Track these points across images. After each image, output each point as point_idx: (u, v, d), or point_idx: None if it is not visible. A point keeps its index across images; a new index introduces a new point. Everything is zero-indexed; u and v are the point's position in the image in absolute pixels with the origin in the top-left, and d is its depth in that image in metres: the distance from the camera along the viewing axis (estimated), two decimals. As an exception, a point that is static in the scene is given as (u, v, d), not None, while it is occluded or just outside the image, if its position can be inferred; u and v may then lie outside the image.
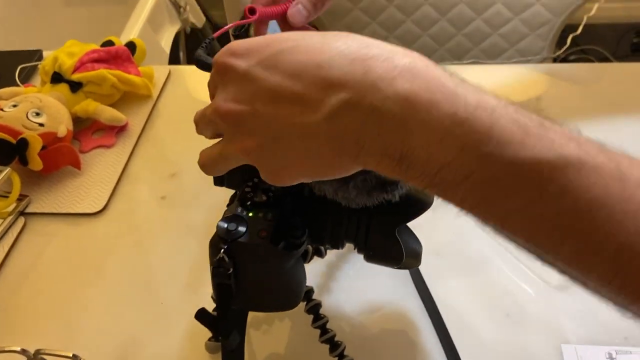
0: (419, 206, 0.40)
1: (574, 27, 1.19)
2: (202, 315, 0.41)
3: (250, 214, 0.38)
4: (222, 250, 0.37)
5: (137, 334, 0.56)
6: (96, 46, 0.81)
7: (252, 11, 0.43)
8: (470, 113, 0.27)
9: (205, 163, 0.37)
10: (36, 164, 0.68)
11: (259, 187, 0.39)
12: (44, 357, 0.48)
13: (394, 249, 0.40)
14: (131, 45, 0.84)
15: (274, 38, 0.33)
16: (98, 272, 0.62)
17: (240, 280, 0.38)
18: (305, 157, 0.31)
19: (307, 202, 0.39)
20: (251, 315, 0.55)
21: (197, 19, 1.52)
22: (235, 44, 0.34)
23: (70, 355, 0.47)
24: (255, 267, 0.38)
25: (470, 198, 0.28)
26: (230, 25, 0.42)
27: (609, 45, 1.97)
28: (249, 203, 0.38)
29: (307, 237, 0.39)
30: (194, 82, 0.87)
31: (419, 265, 0.44)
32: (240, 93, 0.32)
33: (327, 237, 0.41)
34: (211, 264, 0.38)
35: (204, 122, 0.36)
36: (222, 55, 0.34)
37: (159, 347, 0.55)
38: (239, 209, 0.38)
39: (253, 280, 0.39)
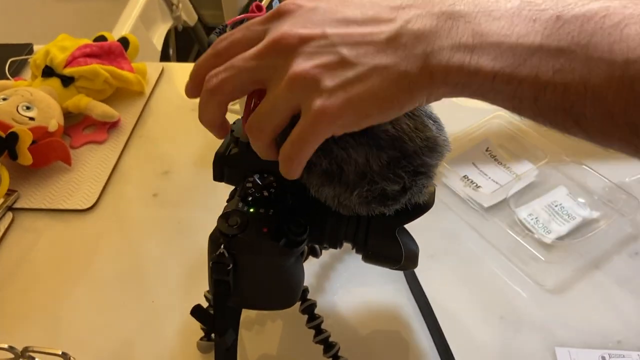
0: (420, 207, 0.40)
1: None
2: (197, 312, 0.40)
3: (252, 210, 0.37)
4: (223, 245, 0.36)
5: (127, 332, 0.55)
6: (89, 41, 0.80)
7: (259, 8, 0.43)
8: None
9: (253, 120, 0.33)
10: (26, 158, 0.67)
11: (261, 181, 0.39)
12: (32, 354, 0.47)
13: (394, 249, 0.40)
14: (124, 41, 0.83)
15: None
16: (87, 270, 0.61)
17: (238, 277, 0.38)
18: (370, 76, 0.30)
19: (309, 199, 0.39)
20: (243, 315, 0.54)
21: (190, 17, 1.51)
22: None
23: (59, 352, 0.46)
24: (255, 263, 0.37)
25: (544, 69, 0.28)
26: (244, 15, 0.41)
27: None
28: (250, 199, 0.38)
29: (308, 234, 0.38)
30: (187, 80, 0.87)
31: (415, 267, 0.44)
32: (308, 21, 0.32)
33: (327, 236, 0.41)
34: (210, 259, 0.37)
35: (242, 65, 0.33)
36: (289, 0, 0.34)
37: (149, 345, 0.54)
38: (240, 204, 0.38)
39: (252, 277, 0.38)
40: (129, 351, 0.54)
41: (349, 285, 0.58)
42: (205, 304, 0.50)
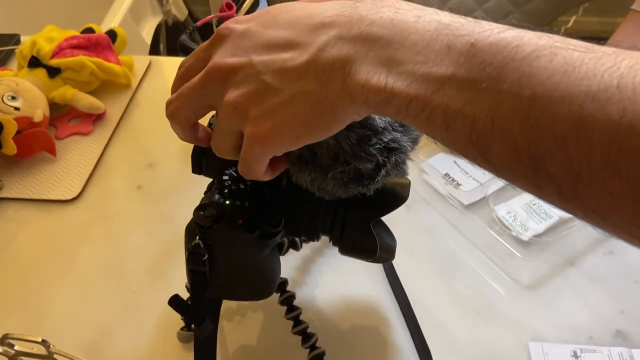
0: (395, 201, 0.41)
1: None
2: (175, 302, 0.41)
3: (227, 202, 0.38)
4: (198, 236, 0.37)
5: (108, 322, 0.56)
6: (76, 33, 0.80)
7: (229, 6, 0.44)
8: (454, 19, 0.29)
9: (212, 142, 0.36)
10: (10, 148, 0.67)
11: (237, 175, 0.39)
12: (12, 342, 0.47)
13: (369, 242, 0.40)
14: (112, 34, 0.83)
15: (275, 6, 0.35)
16: (70, 260, 0.62)
17: (214, 268, 0.38)
18: (293, 101, 0.31)
19: (285, 192, 0.40)
20: (224, 306, 0.55)
21: (180, 12, 1.51)
22: (239, 16, 0.36)
23: (39, 340, 0.47)
24: (230, 254, 0.38)
25: (455, 99, 0.27)
26: (213, 15, 0.42)
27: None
28: (226, 191, 0.39)
29: (284, 227, 0.39)
30: (175, 73, 0.87)
31: (392, 260, 0.45)
32: (237, 48, 0.33)
33: (304, 229, 0.41)
34: (186, 250, 0.38)
35: (188, 94, 0.35)
36: (225, 23, 0.35)
37: (130, 335, 0.55)
38: (217, 197, 0.38)
39: (227, 268, 0.39)
40: (110, 340, 0.54)
41: (329, 278, 0.58)
42: (185, 296, 0.50)
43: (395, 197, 0.40)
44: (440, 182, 0.66)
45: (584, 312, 0.55)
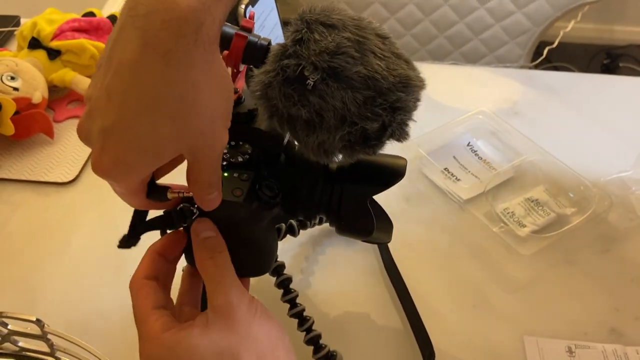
0: (391, 177, 0.40)
1: (551, 44, 1.23)
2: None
3: (226, 174, 0.38)
4: (195, 206, 0.37)
5: (103, 305, 0.55)
6: (77, 16, 0.80)
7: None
8: None
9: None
10: (8, 128, 0.67)
11: (236, 148, 0.39)
12: (6, 320, 0.47)
13: (366, 219, 0.40)
14: (113, 19, 0.82)
15: None
16: (65, 242, 0.61)
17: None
18: None
19: (283, 168, 0.40)
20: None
21: None
22: None
23: (34, 319, 0.46)
24: (228, 226, 0.38)
25: None
26: None
27: (581, 65, 2.03)
28: (224, 163, 0.38)
29: (281, 202, 0.39)
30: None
31: (389, 241, 0.45)
32: None
33: (301, 205, 0.41)
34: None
35: None
36: None
37: (124, 318, 0.54)
38: None
39: (225, 241, 0.39)
40: (104, 323, 0.54)
41: (326, 267, 0.58)
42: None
43: (392, 173, 0.40)
44: (439, 177, 0.66)
45: (579, 308, 0.55)
